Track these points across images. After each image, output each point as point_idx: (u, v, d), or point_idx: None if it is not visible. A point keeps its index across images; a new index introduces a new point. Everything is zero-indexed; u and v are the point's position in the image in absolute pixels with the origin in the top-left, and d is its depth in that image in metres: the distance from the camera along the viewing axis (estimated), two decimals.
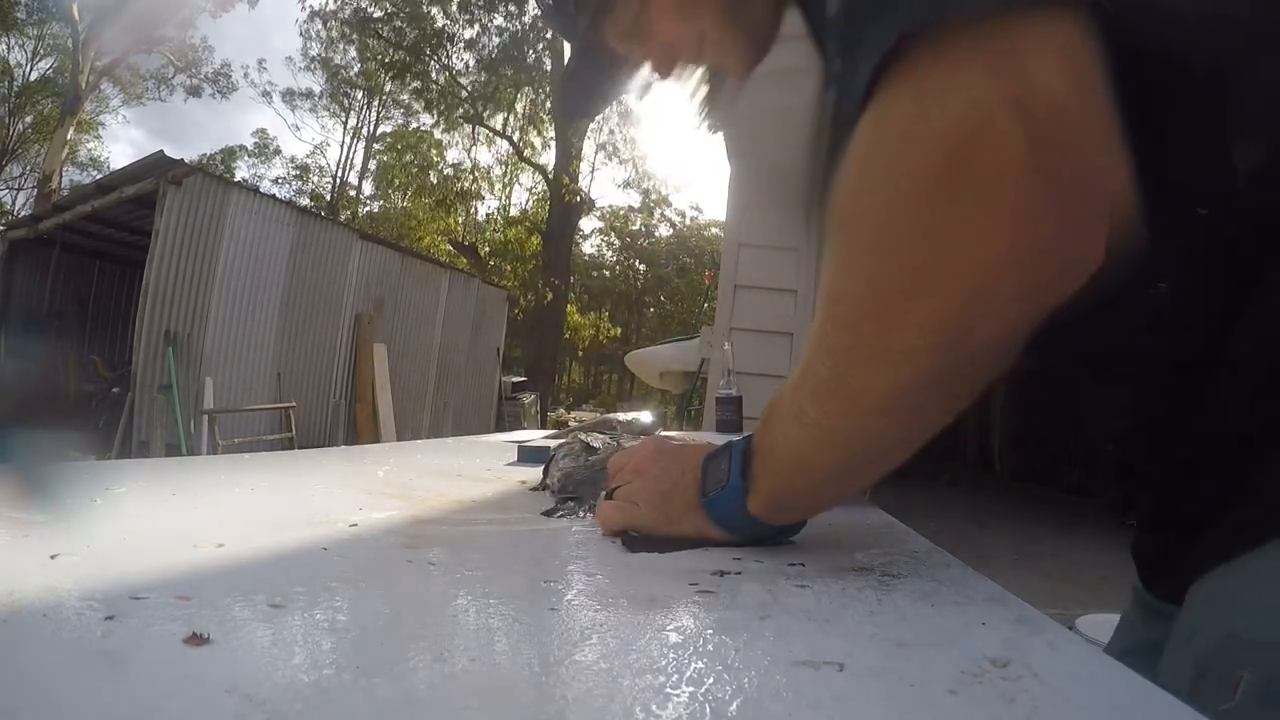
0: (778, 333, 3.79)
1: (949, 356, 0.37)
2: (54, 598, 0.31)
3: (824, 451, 0.43)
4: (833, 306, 0.40)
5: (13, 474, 0.50)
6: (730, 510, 0.47)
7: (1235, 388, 0.42)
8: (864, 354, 0.38)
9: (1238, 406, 0.42)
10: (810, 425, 0.42)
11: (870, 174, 0.37)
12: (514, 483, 0.76)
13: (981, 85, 0.33)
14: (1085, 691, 0.27)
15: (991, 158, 0.33)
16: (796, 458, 0.44)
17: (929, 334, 0.36)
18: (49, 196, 12.28)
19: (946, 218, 0.35)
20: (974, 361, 0.38)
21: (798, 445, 0.44)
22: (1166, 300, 0.44)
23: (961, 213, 0.34)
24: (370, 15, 15.79)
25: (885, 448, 0.42)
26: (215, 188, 6.52)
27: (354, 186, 23.11)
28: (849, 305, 0.39)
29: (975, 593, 0.39)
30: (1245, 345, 0.42)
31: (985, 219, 0.34)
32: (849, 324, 0.39)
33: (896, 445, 0.42)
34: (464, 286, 10.17)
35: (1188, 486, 0.47)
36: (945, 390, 0.39)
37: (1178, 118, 0.40)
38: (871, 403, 0.39)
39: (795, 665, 0.28)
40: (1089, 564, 3.78)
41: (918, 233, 0.36)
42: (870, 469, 0.44)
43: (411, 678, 0.25)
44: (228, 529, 0.47)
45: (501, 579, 0.40)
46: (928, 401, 0.39)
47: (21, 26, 16.98)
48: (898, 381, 0.38)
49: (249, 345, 6.87)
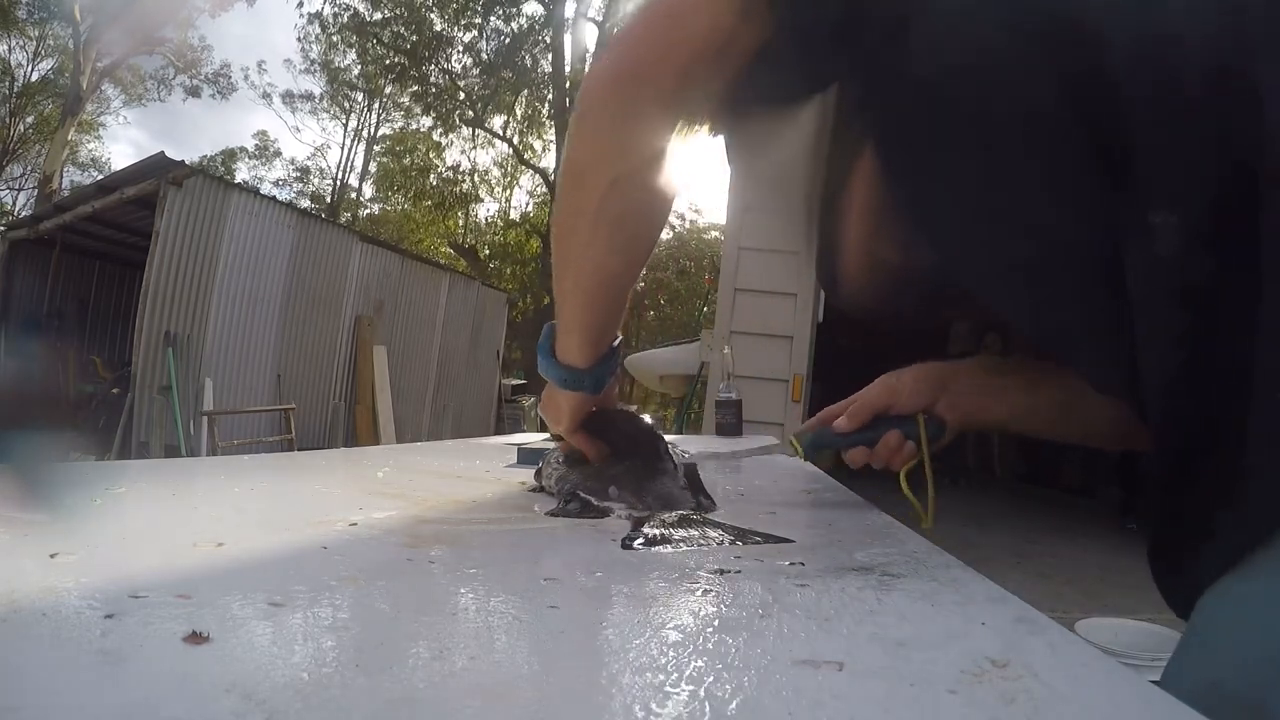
0: (777, 336, 3.79)
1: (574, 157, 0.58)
2: (54, 597, 0.31)
3: (559, 279, 0.62)
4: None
5: (13, 474, 0.50)
6: (549, 366, 0.65)
7: (1233, 388, 0.42)
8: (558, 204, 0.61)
9: (1236, 407, 0.42)
10: (556, 281, 0.63)
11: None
12: (514, 484, 0.76)
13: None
14: (1085, 692, 0.27)
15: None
16: (556, 306, 0.64)
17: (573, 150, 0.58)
18: (50, 197, 12.27)
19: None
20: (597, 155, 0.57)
21: (557, 299, 0.63)
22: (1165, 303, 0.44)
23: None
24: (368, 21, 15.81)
25: (566, 248, 0.60)
26: (216, 189, 6.51)
27: (354, 189, 23.15)
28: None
29: (975, 593, 0.39)
30: (1245, 348, 0.41)
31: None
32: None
33: (582, 235, 0.59)
34: (464, 289, 10.16)
35: (1188, 490, 0.47)
36: (591, 176, 0.57)
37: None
38: (552, 233, 0.61)
39: (795, 664, 0.28)
40: (1089, 565, 3.77)
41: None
42: (569, 273, 0.61)
43: (411, 676, 0.25)
44: (228, 529, 0.47)
45: (501, 577, 0.40)
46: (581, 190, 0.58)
47: (22, 27, 17.00)
48: (565, 191, 0.59)
49: (249, 347, 6.86)
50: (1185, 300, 0.43)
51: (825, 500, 0.73)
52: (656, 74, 0.53)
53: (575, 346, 0.64)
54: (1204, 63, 0.42)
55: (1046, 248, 0.48)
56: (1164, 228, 0.42)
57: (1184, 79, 0.42)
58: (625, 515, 0.58)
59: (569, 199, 0.60)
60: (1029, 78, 0.45)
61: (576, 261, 0.61)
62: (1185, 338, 0.43)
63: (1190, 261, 0.42)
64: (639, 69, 0.54)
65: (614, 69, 0.56)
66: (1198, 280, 0.43)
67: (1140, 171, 0.43)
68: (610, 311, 0.64)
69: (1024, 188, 0.48)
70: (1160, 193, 0.43)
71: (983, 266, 0.52)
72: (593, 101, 0.56)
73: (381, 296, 8.35)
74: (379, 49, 16.34)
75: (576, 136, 0.58)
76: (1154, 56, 0.43)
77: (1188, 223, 0.42)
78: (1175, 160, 0.42)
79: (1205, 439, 0.44)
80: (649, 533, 0.50)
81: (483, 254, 17.82)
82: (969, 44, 0.47)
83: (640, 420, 0.72)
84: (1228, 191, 0.41)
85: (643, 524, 0.53)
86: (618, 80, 0.55)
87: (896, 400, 0.68)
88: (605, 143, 0.56)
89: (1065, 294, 0.49)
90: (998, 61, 0.46)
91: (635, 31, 0.56)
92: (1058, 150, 0.46)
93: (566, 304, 0.63)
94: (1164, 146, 0.43)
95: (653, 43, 0.54)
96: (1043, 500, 6.18)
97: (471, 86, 16.36)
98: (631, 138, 0.55)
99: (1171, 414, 0.45)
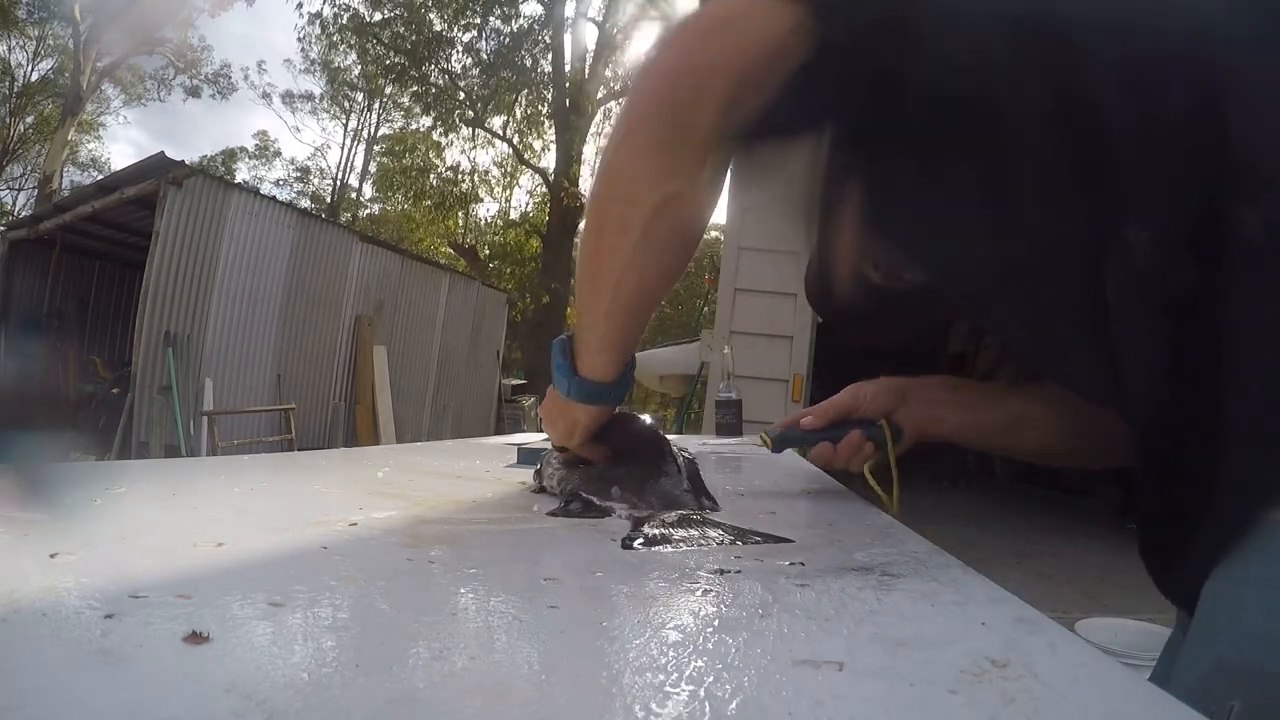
0: (777, 336, 3.79)
1: (607, 190, 0.57)
2: (54, 597, 0.31)
3: (594, 294, 0.60)
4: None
5: (13, 474, 0.50)
6: (572, 382, 0.64)
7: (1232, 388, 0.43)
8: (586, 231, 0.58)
9: (1235, 409, 0.43)
10: (579, 296, 0.62)
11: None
12: (514, 484, 0.76)
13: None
14: (1085, 692, 0.27)
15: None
16: (580, 319, 0.63)
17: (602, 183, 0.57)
18: (50, 197, 12.28)
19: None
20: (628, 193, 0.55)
21: (579, 316, 0.63)
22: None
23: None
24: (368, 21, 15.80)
25: (608, 265, 0.58)
26: (216, 189, 6.51)
27: (354, 189, 23.15)
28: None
29: (975, 593, 0.39)
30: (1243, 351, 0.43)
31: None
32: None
33: (612, 261, 0.57)
34: (464, 289, 10.16)
35: (1173, 489, 0.48)
36: (619, 217, 0.56)
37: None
38: (586, 246, 0.59)
39: (795, 664, 0.28)
40: (1089, 565, 3.78)
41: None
42: (608, 290, 0.59)
43: (411, 676, 0.25)
44: (227, 529, 0.47)
45: (501, 577, 0.40)
46: (609, 219, 0.57)
47: (22, 27, 16.99)
48: (592, 224, 0.58)
49: (249, 347, 6.86)
50: (1164, 309, 0.45)
51: (825, 500, 0.73)
52: (711, 84, 0.49)
53: (607, 362, 0.63)
54: (1177, 92, 0.44)
55: (1036, 258, 0.49)
56: (1137, 241, 0.45)
57: (1158, 105, 0.45)
58: (625, 515, 0.58)
59: (612, 213, 0.56)
60: (1023, 95, 0.47)
61: (616, 280, 0.58)
62: (1164, 344, 0.45)
63: (1167, 273, 0.44)
64: (695, 77, 0.50)
65: (667, 76, 0.52)
66: (1175, 289, 0.45)
67: (1118, 188, 0.46)
68: (641, 329, 0.64)
69: (1016, 200, 0.49)
70: (1135, 209, 0.45)
71: (969, 275, 0.53)
72: (645, 112, 0.52)
73: (381, 296, 8.35)
74: (379, 49, 16.34)
75: (625, 149, 0.54)
76: (1134, 83, 0.45)
77: (1162, 237, 0.44)
78: (1146, 179, 0.45)
79: (1188, 439, 0.46)
80: (649, 533, 0.50)
81: (482, 254, 17.82)
82: (967, 57, 0.48)
83: (640, 421, 0.72)
84: (1194, 209, 0.44)
85: (643, 524, 0.53)
86: (672, 89, 0.51)
87: (860, 405, 0.72)
88: (657, 160, 0.53)
89: (1050, 303, 0.50)
90: (992, 77, 0.47)
91: (687, 38, 0.52)
92: (1049, 166, 0.47)
93: (602, 322, 0.61)
94: (1138, 166, 0.45)
95: (707, 49, 0.50)
96: (1043, 500, 6.18)
97: (471, 86, 16.35)
98: (685, 155, 0.52)
99: (1154, 417, 0.47)
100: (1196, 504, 0.45)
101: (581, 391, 0.64)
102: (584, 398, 0.64)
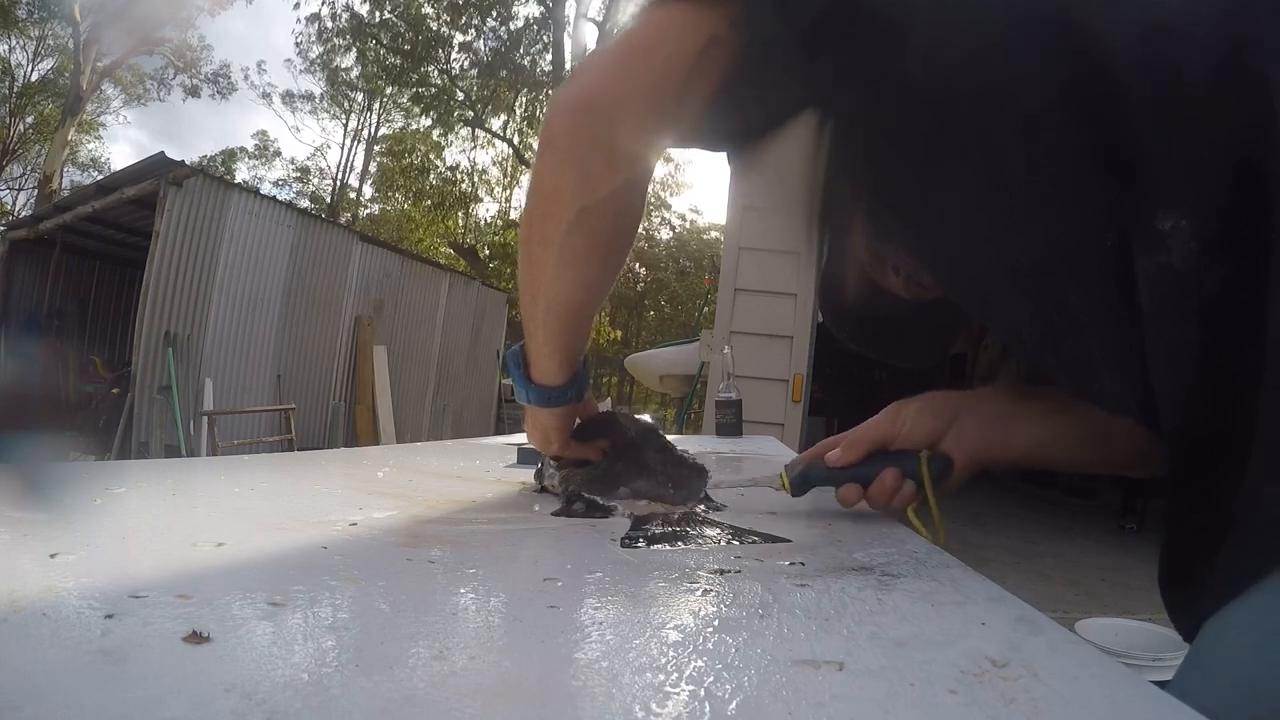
0: (777, 336, 3.79)
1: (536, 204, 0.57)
2: (54, 597, 0.31)
3: (529, 303, 0.61)
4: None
5: (13, 474, 0.50)
6: (528, 390, 0.66)
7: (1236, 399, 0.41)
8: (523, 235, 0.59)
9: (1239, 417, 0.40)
10: (521, 305, 0.63)
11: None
12: (514, 484, 0.76)
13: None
14: (1085, 692, 0.27)
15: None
16: (525, 327, 0.64)
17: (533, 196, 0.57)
18: (50, 197, 12.26)
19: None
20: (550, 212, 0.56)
21: (524, 325, 0.64)
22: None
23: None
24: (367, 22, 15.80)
25: (535, 276, 0.60)
26: (216, 189, 6.51)
27: (354, 189, 23.14)
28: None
29: (975, 593, 0.39)
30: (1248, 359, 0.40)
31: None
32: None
33: (544, 271, 0.59)
34: (464, 289, 10.16)
35: (1202, 510, 0.45)
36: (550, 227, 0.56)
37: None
38: (520, 257, 0.61)
39: (795, 664, 0.28)
40: (1089, 565, 3.77)
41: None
42: (541, 300, 0.61)
43: (411, 676, 0.25)
44: (227, 529, 0.47)
45: (501, 577, 0.40)
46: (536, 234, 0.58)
47: (22, 27, 16.99)
48: (527, 232, 0.58)
49: (249, 347, 6.86)
50: (1200, 312, 0.41)
51: (825, 500, 0.73)
52: (617, 105, 0.51)
53: (556, 366, 0.65)
54: (1207, 61, 0.40)
55: (1053, 258, 0.46)
56: (1174, 233, 0.40)
57: (1185, 76, 0.40)
58: (626, 515, 0.58)
59: (534, 228, 0.58)
60: (1030, 80, 0.44)
61: (546, 292, 0.60)
62: (1199, 350, 0.42)
63: (1203, 271, 0.41)
64: (598, 100, 0.52)
65: (576, 99, 0.53)
66: (1211, 290, 0.41)
67: (1146, 174, 0.41)
68: (583, 333, 0.65)
69: (1028, 195, 0.46)
70: (1167, 197, 0.41)
71: (984, 280, 0.50)
72: (556, 131, 0.54)
73: (381, 296, 8.35)
74: (378, 49, 16.33)
75: (541, 165, 0.56)
76: (1155, 55, 0.41)
77: (1197, 228, 0.40)
78: (1181, 162, 0.41)
79: (1220, 452, 0.42)
80: (649, 532, 0.50)
81: (482, 254, 17.81)
82: (967, 46, 0.46)
83: (626, 416, 0.73)
84: (1236, 195, 0.40)
85: (643, 524, 0.53)
86: (580, 111, 0.53)
87: (897, 432, 0.60)
88: (568, 175, 0.54)
89: (1071, 308, 0.46)
90: (997, 64, 0.45)
91: (600, 61, 0.56)
92: (1063, 156, 0.44)
93: (539, 330, 0.63)
94: (1169, 147, 0.41)
95: (614, 73, 0.53)
96: (1043, 500, 6.18)
97: (471, 87, 16.35)
98: (595, 170, 0.53)
99: (1186, 428, 0.44)
100: (1221, 531, 0.41)
101: (540, 397, 0.66)
102: (542, 402, 0.66)
